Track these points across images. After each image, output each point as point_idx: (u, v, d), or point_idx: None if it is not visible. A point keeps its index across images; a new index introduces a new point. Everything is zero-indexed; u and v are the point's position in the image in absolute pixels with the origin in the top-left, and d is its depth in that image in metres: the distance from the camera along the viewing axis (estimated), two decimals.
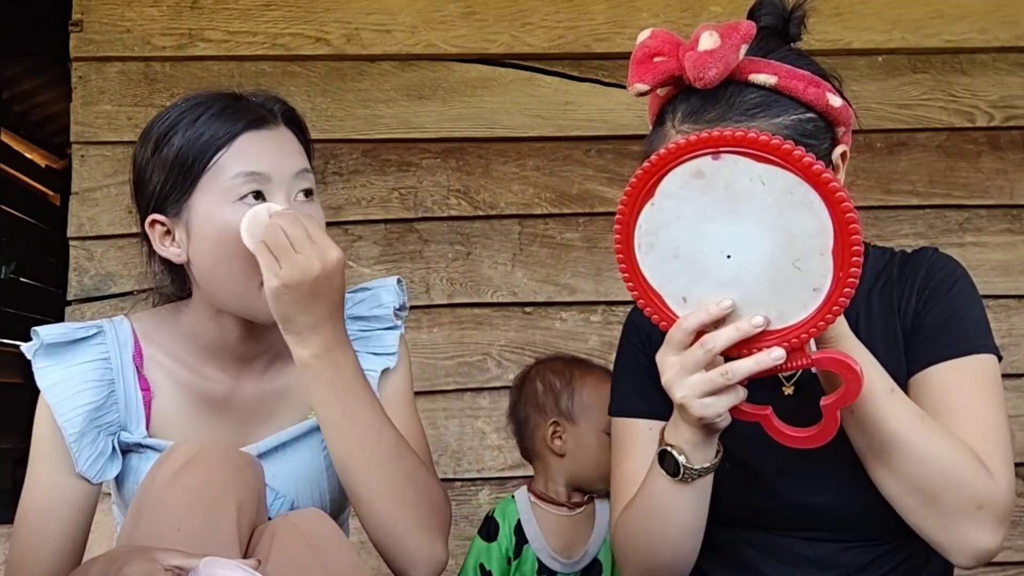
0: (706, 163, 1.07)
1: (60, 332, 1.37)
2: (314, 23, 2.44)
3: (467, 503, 2.39)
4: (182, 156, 1.30)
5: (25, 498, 1.35)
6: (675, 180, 1.08)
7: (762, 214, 1.06)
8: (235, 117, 1.31)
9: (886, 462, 1.20)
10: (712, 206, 1.07)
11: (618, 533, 1.34)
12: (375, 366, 1.44)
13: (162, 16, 2.41)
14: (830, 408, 1.10)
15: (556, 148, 2.46)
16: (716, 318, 1.09)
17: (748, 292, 1.08)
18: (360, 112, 2.42)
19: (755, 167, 1.05)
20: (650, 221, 1.11)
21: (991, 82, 2.48)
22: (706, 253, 1.09)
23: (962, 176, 2.48)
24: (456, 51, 2.45)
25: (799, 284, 1.07)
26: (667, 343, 1.12)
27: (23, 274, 5.84)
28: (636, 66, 1.21)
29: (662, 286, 1.12)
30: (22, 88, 5.82)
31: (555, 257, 2.44)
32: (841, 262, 1.05)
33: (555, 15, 2.46)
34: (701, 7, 2.46)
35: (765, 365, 1.08)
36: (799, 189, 1.04)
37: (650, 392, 1.35)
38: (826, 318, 1.07)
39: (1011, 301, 2.44)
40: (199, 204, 1.29)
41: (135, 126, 2.38)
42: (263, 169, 1.29)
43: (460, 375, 2.39)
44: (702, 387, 1.10)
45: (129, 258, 2.37)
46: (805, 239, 1.05)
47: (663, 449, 1.21)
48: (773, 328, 1.09)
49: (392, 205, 2.41)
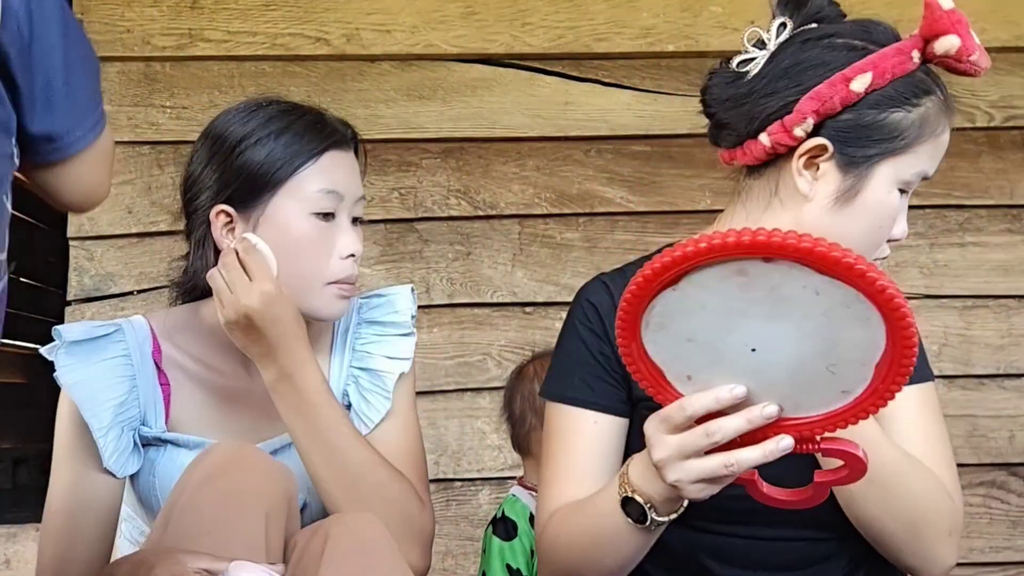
0: (755, 264, 0.93)
1: (81, 330, 1.40)
2: (314, 23, 2.44)
3: (467, 503, 2.39)
4: (269, 160, 1.37)
5: (53, 498, 1.37)
6: (712, 274, 0.95)
7: (805, 319, 0.95)
8: (324, 134, 1.39)
9: (878, 502, 1.20)
10: (749, 304, 0.95)
11: (550, 539, 1.28)
12: (391, 369, 1.47)
13: (162, 16, 2.41)
14: (825, 484, 1.04)
15: (556, 148, 2.46)
16: (726, 406, 1.00)
17: (765, 382, 0.99)
18: (360, 112, 2.41)
19: (814, 278, 0.93)
20: (666, 306, 0.98)
21: (991, 82, 2.47)
22: (727, 343, 0.98)
23: (962, 176, 2.47)
24: (456, 51, 2.45)
25: (827, 385, 0.98)
26: (663, 420, 1.04)
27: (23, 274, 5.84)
28: (967, 28, 1.16)
29: (665, 364, 1.02)
30: None
31: (555, 257, 2.44)
32: (884, 377, 0.97)
33: (555, 15, 2.46)
34: (701, 7, 2.46)
35: (772, 456, 0.99)
36: (858, 305, 0.93)
37: (598, 383, 1.31)
38: (849, 420, 1.00)
39: (1011, 301, 2.43)
40: (276, 207, 1.36)
41: (135, 126, 2.39)
42: (340, 188, 1.38)
43: (460, 375, 2.39)
44: (700, 474, 1.02)
45: (129, 258, 2.37)
46: (849, 348, 0.96)
47: (628, 496, 1.14)
48: (785, 416, 1.00)
49: (392, 205, 2.42)
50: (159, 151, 2.39)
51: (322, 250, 1.36)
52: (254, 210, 1.37)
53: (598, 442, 1.29)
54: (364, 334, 1.49)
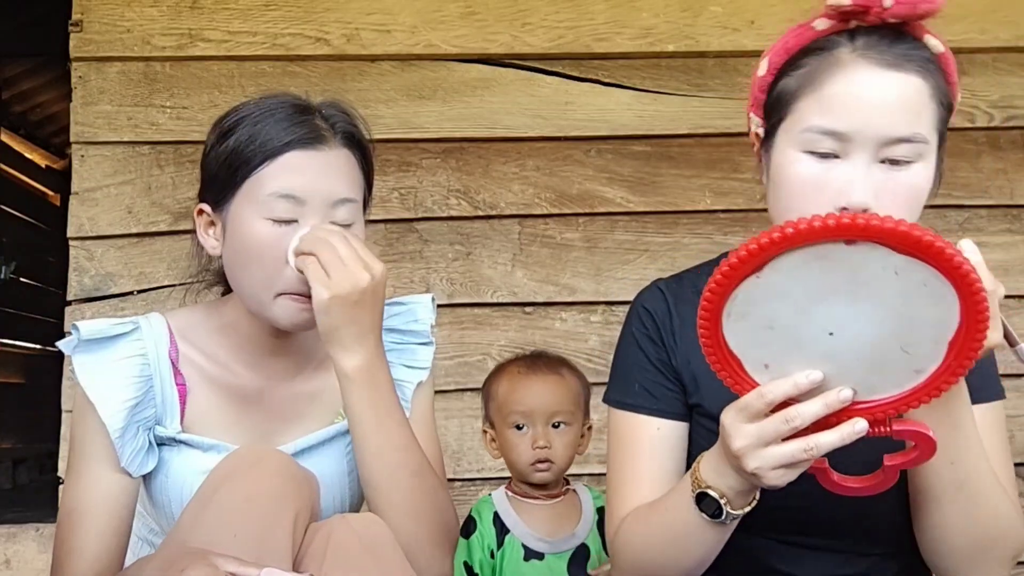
0: (837, 247, 0.96)
1: (99, 328, 1.37)
2: (314, 23, 2.44)
3: (467, 503, 2.38)
4: (232, 158, 1.32)
5: (68, 495, 1.36)
6: (793, 260, 0.97)
7: (884, 301, 0.98)
8: (289, 131, 1.32)
9: (966, 515, 1.17)
10: (829, 289, 0.98)
11: (624, 542, 1.28)
12: (410, 378, 1.46)
13: (162, 16, 2.42)
14: (894, 468, 1.06)
15: (556, 148, 2.46)
16: (803, 392, 1.02)
17: (840, 366, 1.01)
18: (360, 112, 2.41)
19: (893, 258, 0.96)
20: (748, 294, 1.00)
21: (991, 82, 2.48)
22: (806, 329, 1.00)
23: (962, 176, 2.48)
24: (456, 51, 2.45)
25: (901, 365, 1.01)
26: (742, 409, 1.06)
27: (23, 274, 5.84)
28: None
29: (743, 352, 1.04)
30: (22, 88, 5.83)
31: (555, 257, 2.44)
32: (957, 353, 0.99)
33: (555, 15, 2.46)
34: (701, 7, 2.46)
35: (849, 439, 1.01)
36: (935, 283, 0.96)
37: (659, 388, 1.32)
38: (922, 399, 1.02)
39: (1011, 301, 2.43)
40: (236, 208, 1.32)
41: (135, 126, 2.39)
42: (299, 192, 1.30)
43: (460, 375, 2.39)
44: (781, 460, 1.04)
45: (129, 258, 2.37)
46: (924, 327, 0.98)
47: (703, 491, 1.15)
48: (858, 399, 1.02)
49: (392, 205, 2.42)
50: (159, 151, 2.39)
51: (275, 257, 1.29)
52: (222, 211, 1.34)
53: (662, 447, 1.29)
54: (384, 341, 1.47)
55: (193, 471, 1.33)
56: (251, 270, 1.31)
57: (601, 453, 2.32)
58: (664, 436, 1.31)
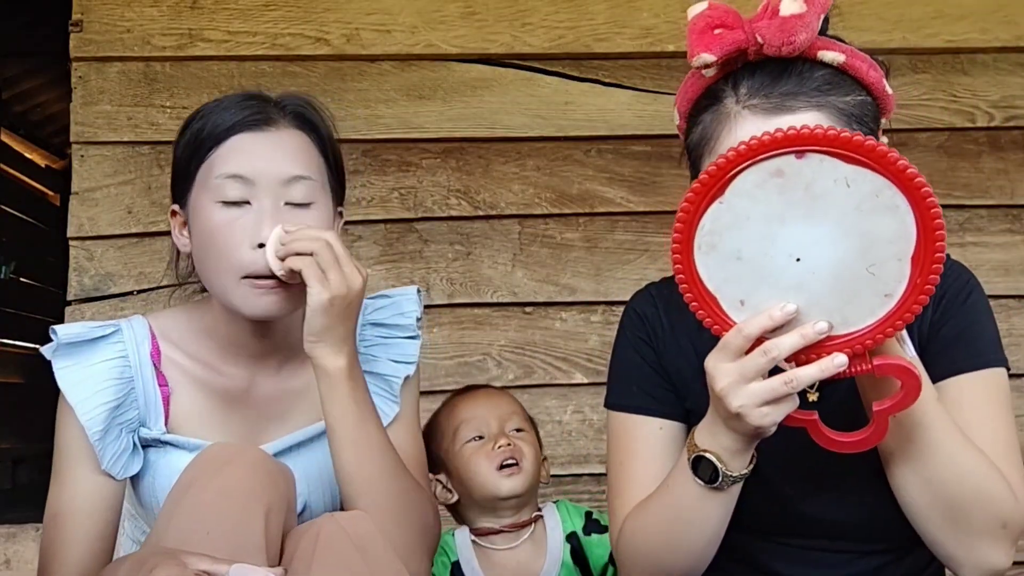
0: (788, 162, 1.00)
1: (78, 331, 1.38)
2: (314, 23, 2.43)
3: None
4: (187, 150, 1.36)
5: (52, 499, 1.36)
6: (751, 179, 1.02)
7: (841, 217, 1.01)
8: (235, 115, 1.34)
9: (919, 470, 1.16)
10: (787, 207, 1.02)
11: (627, 539, 1.28)
12: (397, 373, 1.46)
13: (162, 16, 2.41)
14: (883, 413, 1.07)
15: (556, 148, 2.46)
16: (779, 324, 1.04)
17: (812, 297, 1.03)
18: (360, 112, 2.42)
19: (842, 168, 1.00)
20: (715, 221, 1.04)
21: (991, 82, 2.48)
22: (772, 256, 1.03)
23: (962, 176, 2.48)
24: (456, 51, 2.45)
25: (869, 290, 1.03)
26: (722, 349, 1.07)
27: (23, 274, 5.84)
28: (698, 36, 1.15)
29: (719, 289, 1.06)
30: (22, 88, 5.82)
31: (555, 257, 2.44)
32: (921, 268, 1.01)
33: (555, 15, 2.46)
34: None
35: (829, 372, 1.03)
36: (887, 192, 0.99)
37: (658, 389, 1.32)
38: (895, 324, 1.04)
39: (1011, 301, 2.44)
40: (194, 199, 1.35)
41: (135, 126, 2.39)
42: (247, 172, 1.31)
43: (460, 375, 2.39)
44: (763, 396, 1.05)
45: (129, 258, 2.37)
46: (884, 244, 1.01)
47: (698, 455, 1.15)
48: (835, 333, 1.04)
49: (392, 205, 2.41)
50: (159, 151, 2.39)
51: (231, 241, 1.30)
52: (186, 206, 1.37)
53: (663, 448, 1.28)
54: (369, 336, 1.48)
55: (179, 472, 1.33)
56: (211, 257, 1.32)
57: (601, 453, 2.32)
58: (666, 436, 1.31)
